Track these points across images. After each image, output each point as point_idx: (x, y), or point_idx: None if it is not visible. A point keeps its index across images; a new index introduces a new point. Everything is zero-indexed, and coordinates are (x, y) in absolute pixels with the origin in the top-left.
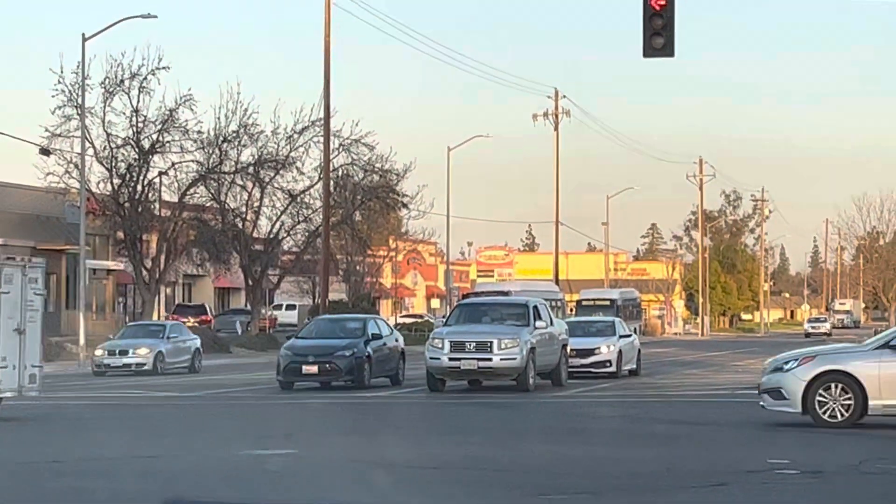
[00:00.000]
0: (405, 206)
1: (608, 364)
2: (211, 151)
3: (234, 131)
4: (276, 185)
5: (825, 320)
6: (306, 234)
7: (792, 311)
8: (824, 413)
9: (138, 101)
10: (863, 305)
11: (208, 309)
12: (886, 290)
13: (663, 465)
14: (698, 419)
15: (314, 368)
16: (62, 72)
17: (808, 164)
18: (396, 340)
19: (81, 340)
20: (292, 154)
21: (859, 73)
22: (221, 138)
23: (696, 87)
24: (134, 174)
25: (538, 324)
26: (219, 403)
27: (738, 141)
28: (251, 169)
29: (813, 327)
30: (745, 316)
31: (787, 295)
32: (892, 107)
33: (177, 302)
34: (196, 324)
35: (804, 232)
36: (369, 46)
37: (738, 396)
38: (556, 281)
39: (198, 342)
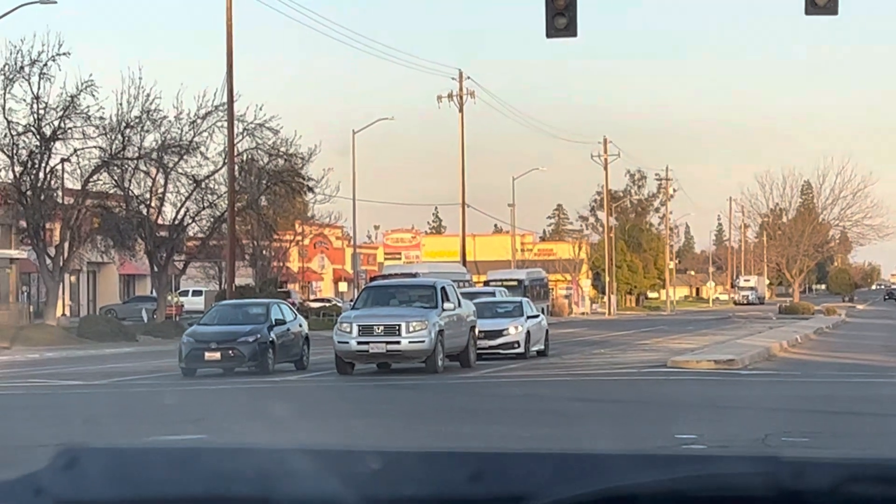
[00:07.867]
0: (311, 189)
1: (516, 345)
2: (113, 137)
3: (136, 117)
4: (180, 170)
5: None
6: (212, 219)
7: (698, 289)
8: None
9: (39, 88)
10: (767, 282)
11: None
12: (790, 267)
13: (573, 441)
14: (605, 397)
15: (217, 355)
16: None
17: (712, 144)
18: (300, 325)
19: None
20: (196, 139)
21: (760, 53)
22: (124, 124)
23: (600, 67)
24: (36, 161)
25: (446, 305)
26: (123, 391)
27: (642, 120)
28: (154, 155)
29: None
30: (651, 294)
31: (693, 273)
32: (790, 86)
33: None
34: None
35: (709, 210)
36: (272, 30)
37: (644, 374)
38: (464, 262)
39: None
